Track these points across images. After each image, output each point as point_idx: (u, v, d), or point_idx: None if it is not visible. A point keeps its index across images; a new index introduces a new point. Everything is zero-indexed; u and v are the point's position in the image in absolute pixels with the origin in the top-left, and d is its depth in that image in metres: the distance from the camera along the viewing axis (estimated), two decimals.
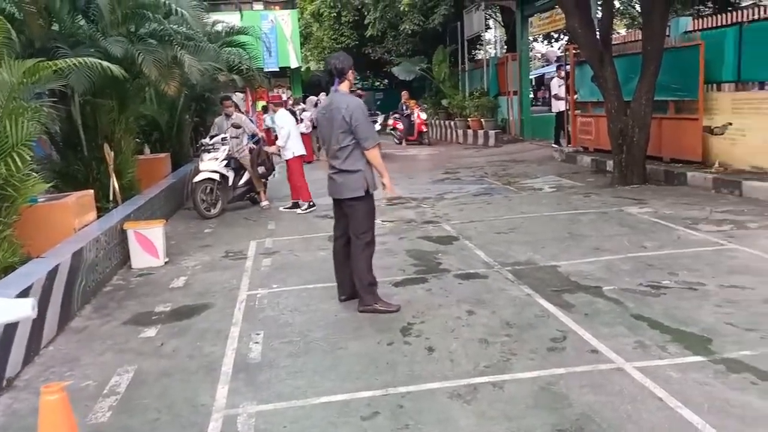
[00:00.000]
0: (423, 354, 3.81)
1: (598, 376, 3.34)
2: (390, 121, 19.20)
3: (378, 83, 30.03)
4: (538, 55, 35.23)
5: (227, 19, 13.92)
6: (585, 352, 3.65)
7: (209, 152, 8.98)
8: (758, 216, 6.76)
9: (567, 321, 4.15)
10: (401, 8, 17.64)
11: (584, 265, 5.35)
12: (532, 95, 26.08)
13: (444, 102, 20.29)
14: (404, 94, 19.06)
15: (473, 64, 21.05)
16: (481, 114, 17.95)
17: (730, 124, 9.08)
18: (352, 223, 4.64)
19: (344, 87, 4.63)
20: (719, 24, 9.51)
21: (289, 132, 8.85)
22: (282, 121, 8.98)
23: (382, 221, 7.64)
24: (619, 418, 2.92)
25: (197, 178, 8.77)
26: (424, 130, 18.34)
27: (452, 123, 19.55)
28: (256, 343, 4.18)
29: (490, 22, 25.27)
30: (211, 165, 8.86)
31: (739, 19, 9.08)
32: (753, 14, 8.95)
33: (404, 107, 18.67)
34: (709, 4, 17.37)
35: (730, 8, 13.03)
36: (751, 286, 4.56)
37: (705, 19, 10.42)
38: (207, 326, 4.60)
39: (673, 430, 2.82)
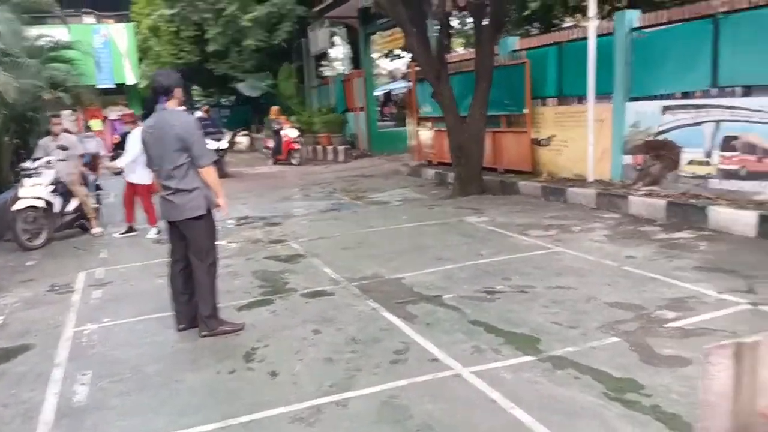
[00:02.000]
0: (266, 379, 3.69)
1: (437, 384, 3.42)
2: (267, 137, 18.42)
3: (224, 100, 29.27)
4: (385, 72, 36.32)
5: (54, 33, 12.85)
6: (426, 362, 3.73)
7: (31, 177, 8.15)
8: (580, 220, 7.40)
9: (410, 332, 4.22)
10: (243, 24, 17.34)
11: (427, 276, 5.51)
12: (380, 110, 26.84)
13: (292, 119, 20.20)
14: (273, 109, 17.97)
15: (320, 80, 21.22)
16: (329, 130, 18.09)
17: (555, 136, 9.90)
18: (193, 245, 4.41)
19: (172, 104, 4.41)
20: (543, 44, 10.35)
21: (136, 154, 8.09)
22: (134, 140, 8.16)
23: (228, 242, 7.39)
24: (457, 424, 3.00)
25: (17, 206, 7.92)
26: (296, 147, 16.99)
27: (301, 140, 19.48)
28: (83, 384, 3.81)
29: (337, 39, 25.67)
30: (33, 191, 8.03)
31: (560, 39, 9.95)
32: (571, 35, 9.85)
33: (275, 124, 17.53)
34: (536, 25, 18.93)
35: (553, 29, 14.27)
36: (574, 286, 4.94)
37: (531, 38, 11.32)
38: (25, 370, 4.13)
39: (507, 430, 2.94)
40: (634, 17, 8.41)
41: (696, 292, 4.56)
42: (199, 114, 14.11)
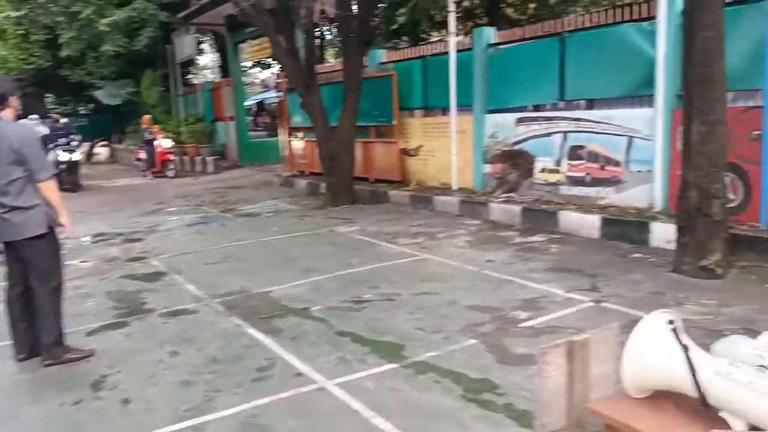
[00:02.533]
0: (116, 408, 3.44)
1: (300, 400, 3.36)
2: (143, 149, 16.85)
3: (82, 108, 27.36)
4: (258, 81, 35.77)
5: None
6: (290, 377, 3.66)
7: None
8: (446, 227, 7.66)
9: (275, 347, 4.13)
10: (100, 28, 16.32)
11: (295, 288, 5.44)
12: (252, 120, 26.36)
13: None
14: (146, 118, 16.65)
15: (187, 88, 20.45)
16: (197, 140, 17.47)
17: (422, 146, 10.20)
18: (34, 267, 4.03)
19: (8, 114, 4.02)
20: (408, 57, 10.65)
21: None
22: None
23: (80, 262, 6.88)
24: None
25: None
26: (170, 158, 16.01)
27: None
28: None
29: (206, 47, 24.89)
30: None
31: (424, 53, 10.28)
32: (434, 49, 10.21)
33: (147, 133, 16.17)
34: (405, 39, 19.49)
35: (421, 42, 14.76)
36: (438, 292, 5.08)
37: (397, 51, 11.61)
38: None
39: None
40: (490, 34, 8.88)
41: (547, 292, 4.86)
42: (32, 122, 12.94)
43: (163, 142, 16.05)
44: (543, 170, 8.01)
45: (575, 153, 7.56)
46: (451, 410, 3.13)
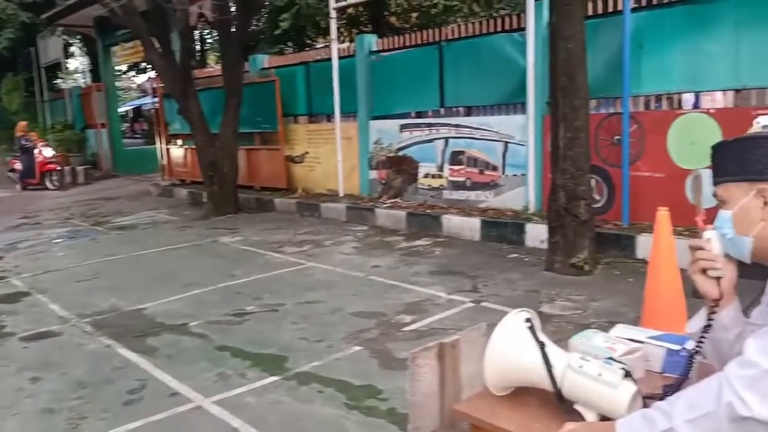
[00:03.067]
0: None
1: (175, 421, 3.18)
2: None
3: None
4: (134, 86, 34.09)
5: None
6: (164, 398, 3.45)
7: None
8: (332, 234, 7.62)
9: (148, 367, 3.89)
10: None
11: (172, 304, 5.17)
12: (129, 127, 25.06)
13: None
14: (21, 125, 14.82)
15: (54, 94, 19.09)
16: (66, 149, 16.31)
17: (308, 153, 10.12)
18: None
19: None
20: (291, 63, 10.53)
21: None
22: None
23: None
24: None
25: None
26: (55, 168, 14.38)
27: None
28: None
29: (76, 49, 23.38)
30: None
31: (307, 59, 10.20)
32: (317, 55, 10.16)
33: (24, 141, 14.35)
34: (290, 44, 19.30)
35: (307, 48, 14.66)
36: (323, 300, 5.03)
37: (280, 57, 11.45)
38: None
39: None
40: (372, 41, 8.98)
41: (430, 295, 4.95)
42: None
43: (45, 151, 14.44)
44: (426, 175, 8.19)
45: (456, 158, 7.80)
46: (335, 419, 3.08)
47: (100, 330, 4.63)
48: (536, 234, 6.17)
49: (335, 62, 9.05)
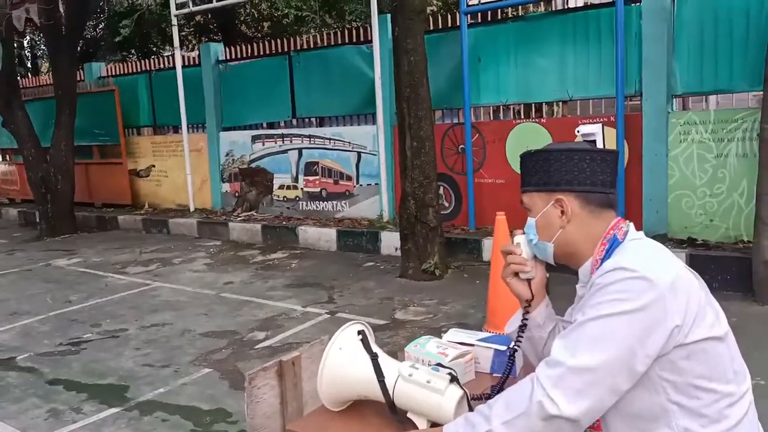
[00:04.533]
0: None
1: None
2: None
3: None
4: None
5: None
6: None
7: None
8: (183, 251, 7.26)
9: None
10: None
11: None
12: None
13: None
14: None
15: None
16: None
17: (154, 166, 9.60)
18: None
19: None
20: (132, 71, 9.94)
21: None
22: None
23: None
24: None
25: None
26: None
27: None
28: None
29: None
30: None
31: (149, 68, 9.68)
32: (161, 63, 9.67)
33: None
34: (133, 52, 18.23)
35: (153, 56, 13.90)
36: (170, 321, 4.75)
37: (118, 65, 10.77)
38: None
39: None
40: (219, 49, 8.72)
41: (285, 309, 4.86)
42: None
43: None
44: (281, 187, 8.08)
45: (310, 169, 7.77)
46: None
47: None
48: (391, 242, 6.30)
49: (179, 71, 8.68)
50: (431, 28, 6.59)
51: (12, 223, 10.24)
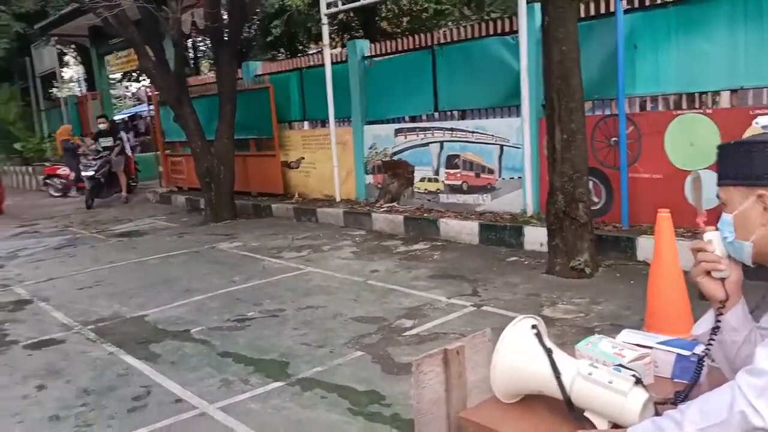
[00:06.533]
0: None
1: (180, 427, 3.20)
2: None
3: None
4: (129, 94, 33.99)
5: None
6: (168, 404, 3.47)
7: None
8: (330, 239, 7.63)
9: (152, 374, 3.91)
10: None
11: (174, 310, 5.19)
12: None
13: (17, 146, 17.80)
14: (65, 128, 14.05)
15: (50, 103, 19.07)
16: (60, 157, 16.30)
17: (303, 158, 10.13)
18: None
19: None
20: (284, 69, 10.55)
21: None
22: None
23: None
24: None
25: None
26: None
27: (30, 169, 17.25)
28: None
29: (70, 59, 23.35)
30: None
31: (300, 66, 10.23)
32: (310, 61, 10.18)
33: (69, 145, 13.72)
34: (282, 51, 19.33)
35: (300, 54, 14.68)
36: (323, 305, 5.04)
37: (273, 63, 11.47)
38: None
39: None
40: (364, 46, 9.00)
41: (430, 299, 4.96)
42: None
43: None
44: (422, 179, 8.22)
45: (452, 162, 7.83)
46: (339, 425, 3.10)
47: (103, 337, 4.64)
48: (535, 237, 6.20)
49: (328, 68, 9.07)
50: (583, 15, 6.36)
51: (180, 209, 11.30)
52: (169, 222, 9.90)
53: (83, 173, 12.07)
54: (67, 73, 26.32)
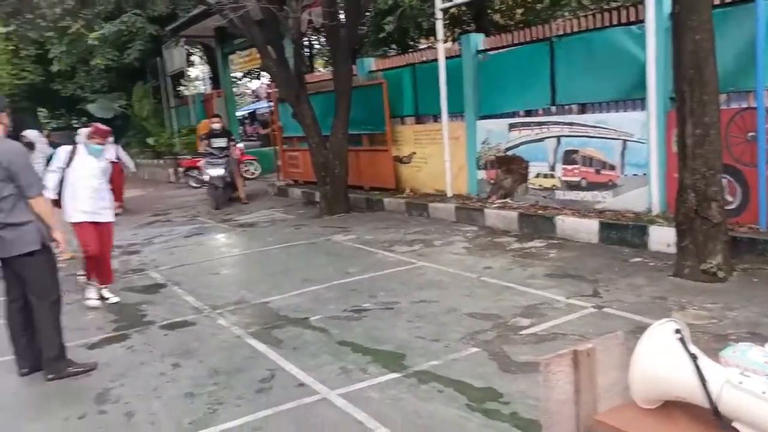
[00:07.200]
0: (121, 421, 3.42)
1: (303, 411, 3.35)
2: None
3: (75, 122, 27.30)
4: (249, 91, 35.73)
5: None
6: (292, 388, 3.65)
7: None
8: (441, 234, 7.66)
9: (276, 358, 4.12)
10: (90, 42, 16.30)
11: (294, 298, 5.43)
12: (244, 130, 26.34)
13: (150, 140, 19.26)
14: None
15: (179, 100, 20.44)
16: (191, 151, 17.44)
17: (415, 153, 10.22)
18: (31, 284, 4.03)
19: None
20: (397, 65, 10.67)
21: None
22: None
23: (79, 275, 6.84)
24: None
25: None
26: (253, 159, 14.78)
27: (161, 162, 18.63)
28: None
29: (195, 58, 24.90)
30: None
31: (413, 61, 10.31)
32: (423, 56, 10.23)
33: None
34: (393, 46, 19.57)
35: (410, 50, 14.78)
36: (436, 299, 5.08)
37: (386, 59, 11.64)
38: None
39: None
40: (478, 40, 8.92)
41: (548, 298, 4.86)
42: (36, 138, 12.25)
43: (238, 143, 13.65)
44: (537, 175, 8.04)
45: (569, 157, 7.59)
46: (457, 420, 3.12)
47: (230, 321, 4.95)
48: (661, 237, 5.89)
49: (442, 63, 9.06)
50: (716, 2, 5.94)
51: (296, 202, 11.77)
52: (287, 214, 10.34)
53: (210, 172, 11.46)
54: (193, 72, 28.11)
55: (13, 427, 3.49)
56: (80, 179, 5.51)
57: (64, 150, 5.64)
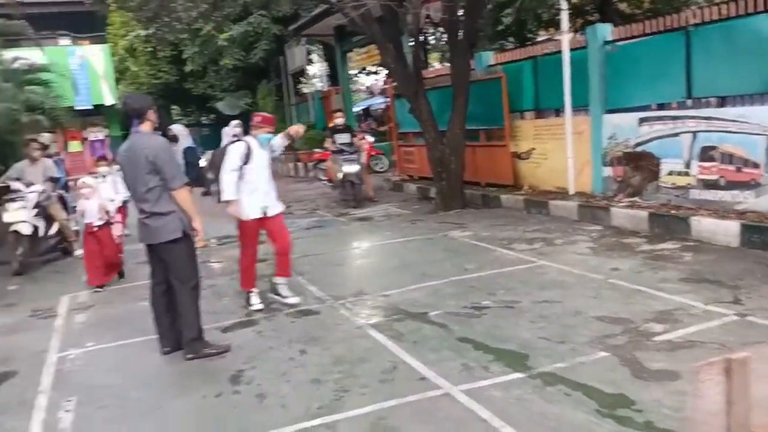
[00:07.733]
0: (253, 402, 3.61)
1: (427, 404, 3.37)
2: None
3: (204, 119, 29.16)
4: (363, 87, 36.42)
5: (29, 55, 12.68)
6: (414, 381, 3.68)
7: (15, 201, 7.89)
8: (563, 232, 7.41)
9: (397, 350, 4.17)
10: (220, 43, 17.33)
11: (412, 293, 5.47)
12: (359, 126, 26.90)
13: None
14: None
15: (299, 97, 21.22)
16: (310, 147, 18.07)
17: (534, 149, 9.95)
18: (173, 269, 4.35)
19: (146, 127, 4.39)
20: (518, 58, 10.44)
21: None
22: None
23: (211, 262, 7.30)
24: None
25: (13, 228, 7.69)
26: (381, 153, 14.84)
27: (282, 157, 19.44)
28: (68, 411, 3.73)
29: (315, 57, 25.72)
30: (19, 215, 7.78)
31: (534, 53, 10.04)
32: (545, 49, 9.94)
33: None
34: (511, 39, 19.17)
35: (528, 43, 14.43)
36: (559, 300, 4.92)
37: (506, 53, 11.42)
38: (9, 398, 4.04)
39: None
40: (606, 31, 8.52)
41: (683, 304, 4.56)
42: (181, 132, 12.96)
43: (367, 137, 13.67)
44: (670, 173, 7.55)
45: (707, 154, 7.07)
46: (586, 425, 3.01)
47: (352, 312, 5.08)
48: None
49: (566, 55, 8.73)
50: None
51: (411, 197, 11.85)
52: (402, 209, 10.44)
53: (345, 169, 11.03)
54: (311, 69, 29.07)
55: (158, 401, 3.78)
56: (259, 173, 5.30)
57: (236, 149, 5.22)
